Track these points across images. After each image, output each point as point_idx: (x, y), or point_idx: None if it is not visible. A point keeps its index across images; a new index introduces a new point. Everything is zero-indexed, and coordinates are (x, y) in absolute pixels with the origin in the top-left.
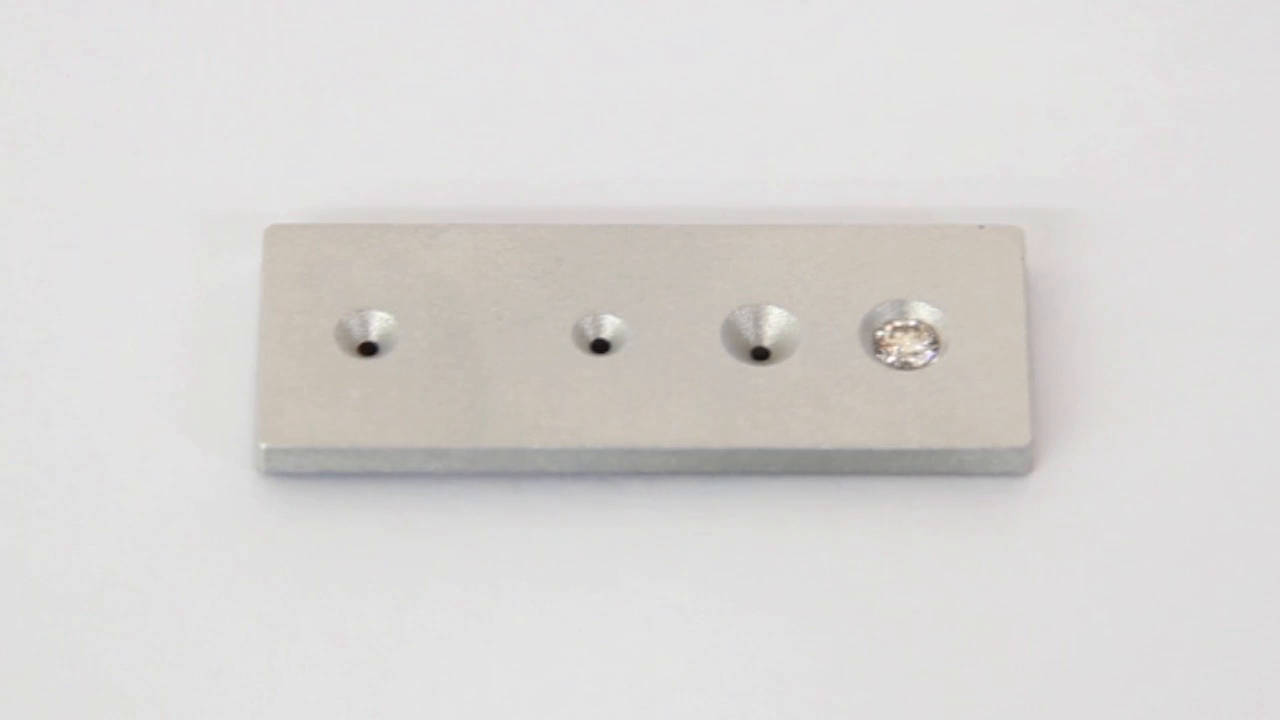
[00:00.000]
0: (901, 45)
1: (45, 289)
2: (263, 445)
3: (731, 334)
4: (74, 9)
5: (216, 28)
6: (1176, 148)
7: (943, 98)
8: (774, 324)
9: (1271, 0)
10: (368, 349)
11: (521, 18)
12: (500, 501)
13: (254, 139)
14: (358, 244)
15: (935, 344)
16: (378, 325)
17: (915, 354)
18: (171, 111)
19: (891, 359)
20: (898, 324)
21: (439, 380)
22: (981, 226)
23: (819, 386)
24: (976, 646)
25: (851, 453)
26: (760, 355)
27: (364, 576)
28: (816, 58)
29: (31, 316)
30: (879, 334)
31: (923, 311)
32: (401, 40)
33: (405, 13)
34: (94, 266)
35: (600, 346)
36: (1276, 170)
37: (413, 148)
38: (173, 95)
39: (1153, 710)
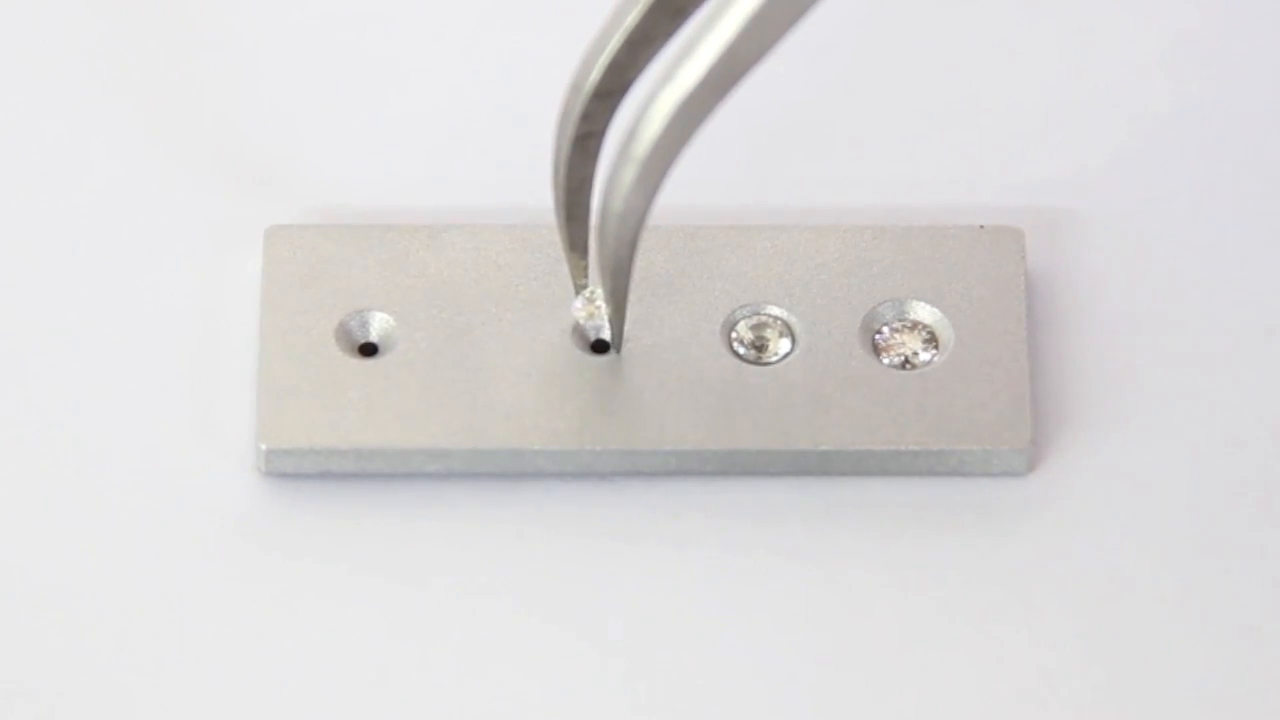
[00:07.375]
0: (901, 45)
1: (46, 290)
2: (263, 446)
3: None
4: (74, 10)
5: (216, 28)
6: (1176, 148)
7: (943, 97)
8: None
9: (1271, 0)
10: (368, 349)
11: (521, 18)
12: (500, 502)
13: (254, 139)
14: (358, 244)
15: (935, 344)
16: (378, 326)
17: (915, 354)
18: (171, 113)
19: (891, 359)
20: (898, 324)
21: (439, 381)
22: (982, 226)
23: (819, 387)
24: (977, 646)
25: (851, 454)
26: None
27: (364, 577)
28: (816, 57)
29: (32, 317)
30: (879, 334)
31: (923, 312)
32: (401, 40)
33: (405, 13)
34: (94, 267)
35: (600, 347)
36: (1275, 170)
37: (413, 148)
38: (172, 96)
39: (1153, 709)
